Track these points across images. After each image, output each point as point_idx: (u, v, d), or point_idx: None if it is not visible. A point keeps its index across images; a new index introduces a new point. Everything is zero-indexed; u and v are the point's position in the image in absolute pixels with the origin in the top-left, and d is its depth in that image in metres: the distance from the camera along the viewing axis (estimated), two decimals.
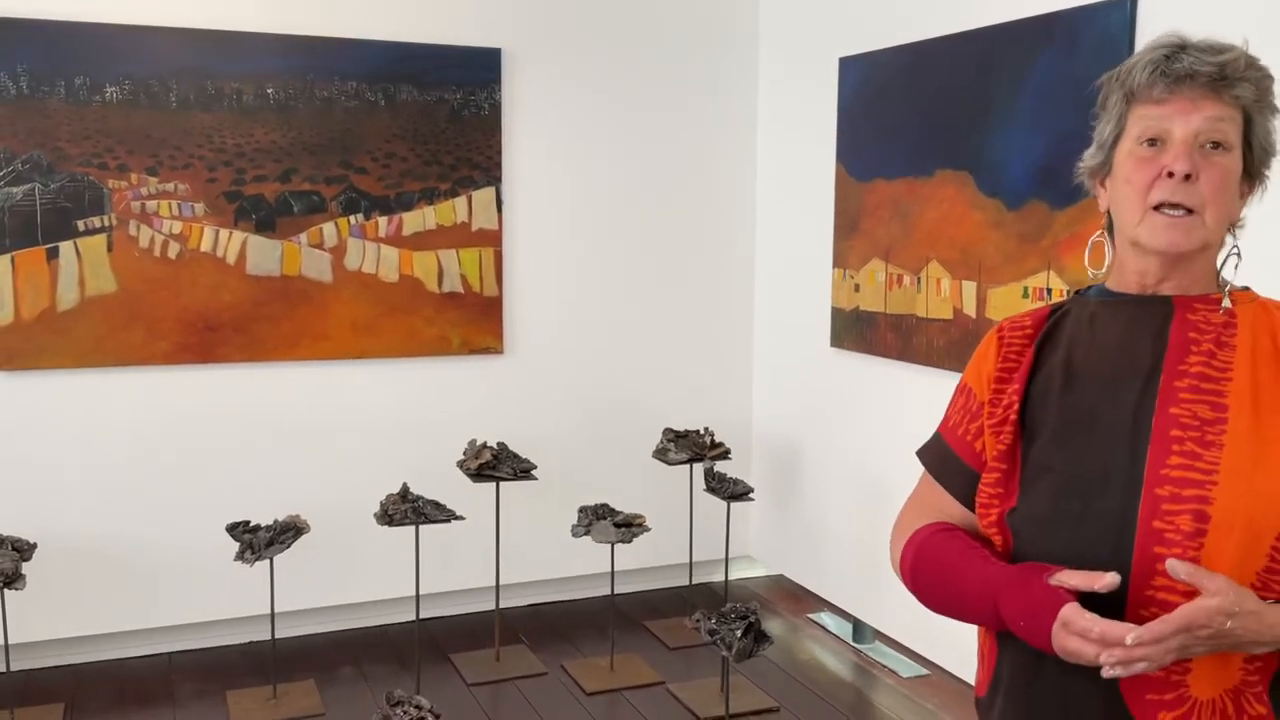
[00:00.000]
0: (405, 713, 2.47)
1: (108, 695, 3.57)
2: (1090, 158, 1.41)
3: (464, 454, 3.82)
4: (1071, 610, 1.19)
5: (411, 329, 4.05)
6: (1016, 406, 1.37)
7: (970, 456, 1.44)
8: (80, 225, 3.63)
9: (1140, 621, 1.18)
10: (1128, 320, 1.35)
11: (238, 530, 3.43)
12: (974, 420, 1.44)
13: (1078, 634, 1.18)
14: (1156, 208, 1.29)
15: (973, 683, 3.62)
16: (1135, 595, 1.23)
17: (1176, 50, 1.31)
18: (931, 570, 1.41)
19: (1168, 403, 1.28)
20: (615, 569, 3.92)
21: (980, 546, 1.38)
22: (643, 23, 4.30)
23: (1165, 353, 1.30)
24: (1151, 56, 1.32)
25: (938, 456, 1.50)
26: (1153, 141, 1.31)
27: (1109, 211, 1.40)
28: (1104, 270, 1.42)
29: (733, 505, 4.07)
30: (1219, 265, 1.37)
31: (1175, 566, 1.18)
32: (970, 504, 1.43)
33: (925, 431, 3.80)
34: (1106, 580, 1.19)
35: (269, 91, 3.81)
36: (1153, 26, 2.75)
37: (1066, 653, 1.20)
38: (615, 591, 4.00)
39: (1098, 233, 1.44)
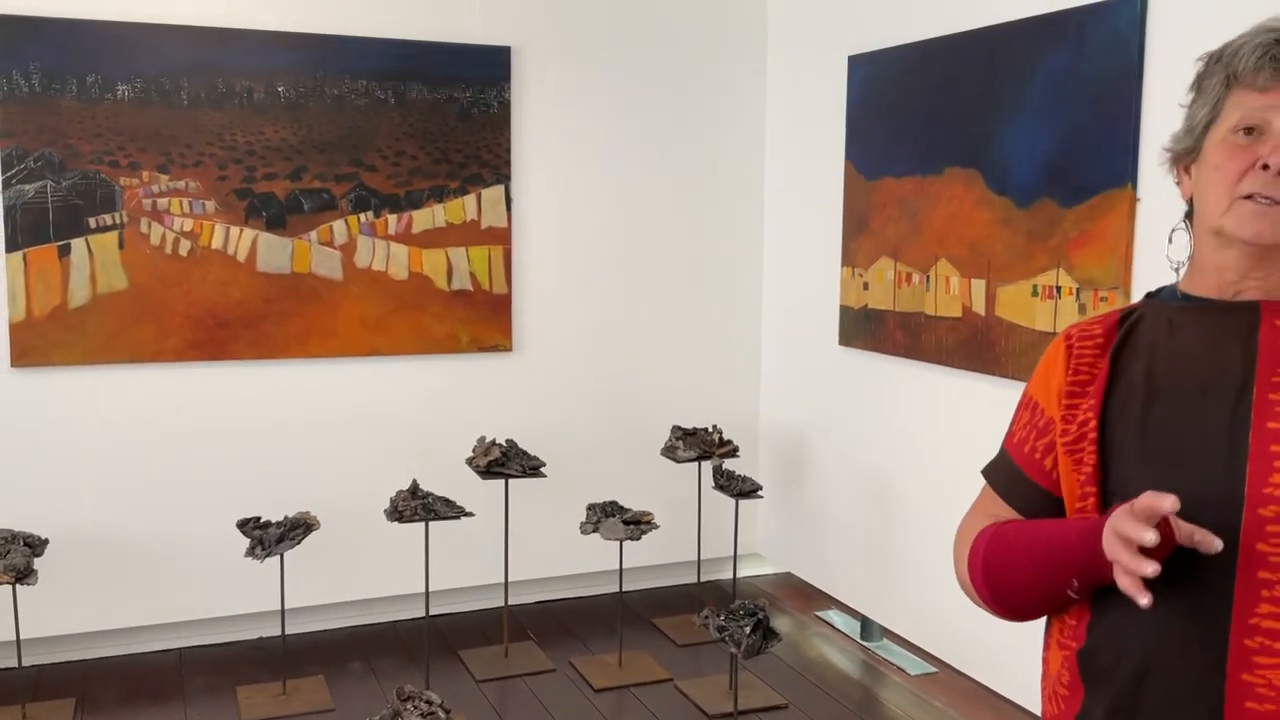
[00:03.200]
0: (416, 708, 2.49)
1: (119, 690, 3.59)
2: (1177, 141, 1.30)
3: (473, 451, 3.83)
4: (1120, 510, 1.12)
5: (421, 326, 4.06)
6: (1094, 424, 1.27)
7: (1039, 474, 1.35)
8: (92, 223, 3.65)
9: (1245, 654, 1.14)
10: (1212, 328, 1.25)
11: (248, 526, 3.45)
12: (1042, 436, 1.35)
13: (1128, 513, 1.10)
14: (1246, 198, 1.20)
15: (980, 680, 3.61)
16: (1239, 623, 1.15)
17: None
18: (1011, 544, 1.32)
19: (1265, 416, 1.18)
20: (624, 566, 3.93)
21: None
22: (652, 21, 4.31)
23: (1256, 363, 1.21)
24: (1261, 40, 1.21)
25: (1004, 475, 1.41)
26: (1249, 130, 1.21)
27: (1190, 201, 1.30)
28: (1184, 262, 1.32)
29: (741, 503, 4.08)
30: None
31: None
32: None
33: (933, 430, 3.80)
34: (1168, 504, 1.09)
35: (279, 89, 3.82)
36: (1163, 24, 2.75)
37: (1116, 535, 1.11)
38: (624, 589, 4.01)
39: (1179, 222, 1.34)
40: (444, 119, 4.03)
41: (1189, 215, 1.32)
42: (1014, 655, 3.24)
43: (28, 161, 3.57)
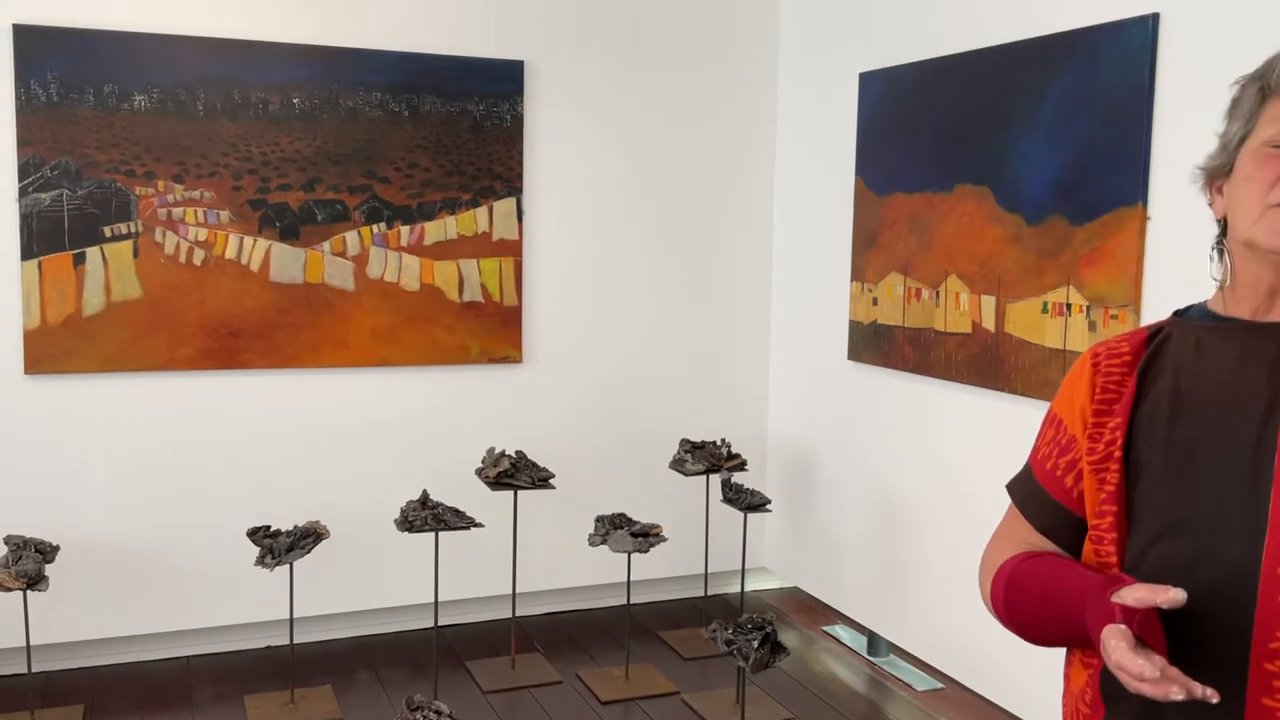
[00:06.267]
0: (425, 718, 2.49)
1: (127, 698, 3.60)
2: (1211, 159, 1.30)
3: (482, 462, 3.84)
4: (1107, 633, 1.13)
5: (432, 338, 4.08)
6: (1121, 442, 1.27)
7: (1060, 492, 1.35)
8: (107, 231, 3.68)
9: (1265, 678, 1.13)
10: (1240, 349, 1.24)
11: (258, 535, 3.46)
12: (1064, 454, 1.35)
13: (1108, 655, 1.12)
14: (1277, 207, 1.19)
15: (988, 696, 3.61)
16: (1259, 647, 1.14)
17: None
18: (1026, 593, 1.32)
19: None
20: (631, 579, 3.93)
21: (1074, 560, 1.31)
22: (663, 37, 4.33)
23: None
24: None
25: (1025, 490, 1.41)
26: None
27: (1223, 221, 1.30)
28: (1225, 281, 1.31)
29: (748, 516, 4.08)
30: None
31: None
32: (1058, 539, 1.36)
33: (942, 445, 3.80)
34: (1169, 596, 1.10)
35: (294, 101, 3.85)
36: (1175, 44, 2.76)
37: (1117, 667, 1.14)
38: (631, 601, 4.02)
39: (1214, 243, 1.33)
40: (457, 132, 4.06)
41: (1224, 234, 1.31)
42: (1021, 672, 3.24)
43: (44, 170, 3.59)
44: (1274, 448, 1.17)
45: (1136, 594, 1.13)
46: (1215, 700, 1.07)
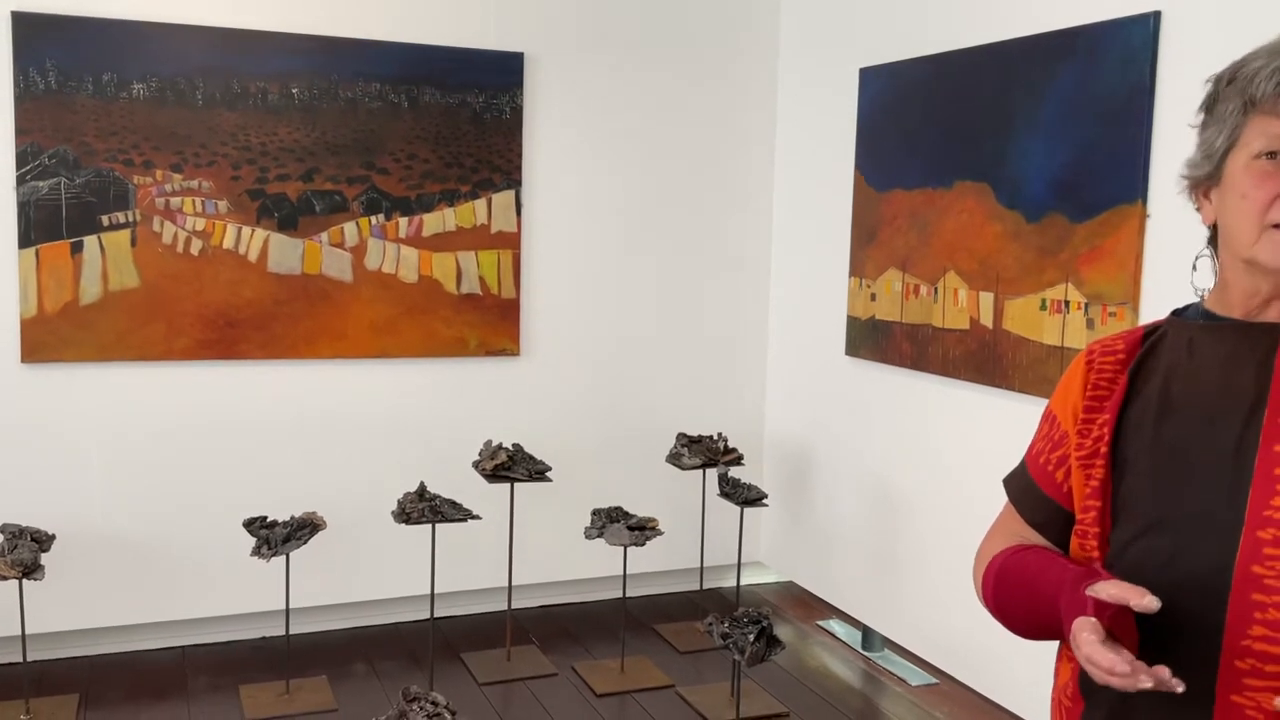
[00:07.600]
0: (422, 709, 2.49)
1: (122, 687, 3.60)
2: (1195, 167, 1.29)
3: (479, 455, 3.84)
4: (1078, 625, 1.14)
5: (429, 330, 4.08)
6: (1107, 439, 1.28)
7: (1051, 487, 1.37)
8: (105, 220, 3.67)
9: (1235, 675, 1.14)
10: (1230, 349, 1.24)
11: (255, 525, 3.46)
12: (1056, 449, 1.36)
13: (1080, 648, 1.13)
14: (1277, 226, 1.19)
15: (981, 691, 3.62)
16: (1230, 644, 1.14)
17: None
18: (1013, 585, 1.34)
19: (1273, 439, 1.17)
20: (627, 572, 3.94)
21: (1061, 555, 1.33)
22: (664, 31, 4.33)
23: (1271, 385, 1.20)
24: (1277, 64, 1.20)
25: (1019, 485, 1.43)
26: (1273, 155, 1.20)
27: (1212, 226, 1.30)
28: (1208, 288, 1.32)
29: (745, 511, 4.09)
30: None
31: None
32: (1049, 534, 1.38)
33: (938, 442, 3.81)
34: (1144, 602, 1.10)
35: (293, 91, 3.84)
36: (1176, 42, 2.76)
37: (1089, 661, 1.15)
38: (627, 594, 4.02)
39: (1202, 249, 1.34)
40: (456, 123, 4.05)
41: (1212, 240, 1.32)
42: (1015, 667, 3.25)
43: (42, 158, 3.58)
44: (1255, 448, 1.18)
45: (1110, 589, 1.14)
46: (1181, 690, 1.08)
